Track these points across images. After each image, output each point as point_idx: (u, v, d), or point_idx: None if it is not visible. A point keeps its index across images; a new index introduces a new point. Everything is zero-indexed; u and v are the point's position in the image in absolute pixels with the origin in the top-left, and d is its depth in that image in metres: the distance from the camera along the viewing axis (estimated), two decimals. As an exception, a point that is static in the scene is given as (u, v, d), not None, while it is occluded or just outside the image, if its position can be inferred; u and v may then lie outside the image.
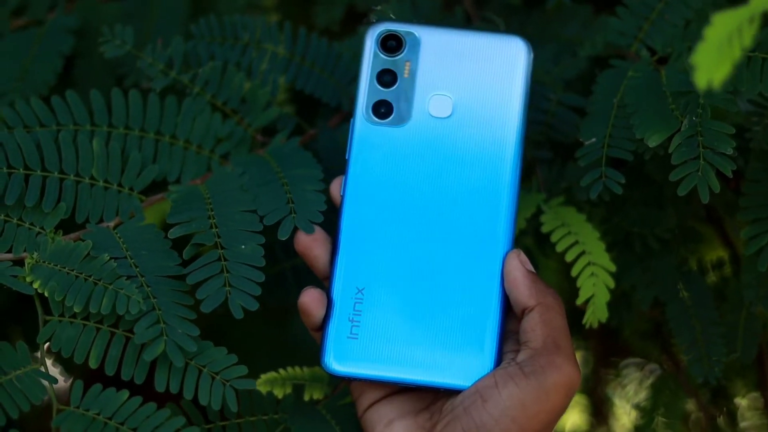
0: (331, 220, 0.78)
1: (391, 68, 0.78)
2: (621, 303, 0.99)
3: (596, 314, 0.85)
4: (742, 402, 1.09)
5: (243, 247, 0.75)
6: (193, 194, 0.81)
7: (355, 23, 1.00)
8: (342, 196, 0.76)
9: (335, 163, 0.88)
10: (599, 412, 1.16)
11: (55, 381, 0.73)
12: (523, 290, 0.74)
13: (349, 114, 0.93)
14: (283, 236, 0.76)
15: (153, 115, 0.85)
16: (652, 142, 0.81)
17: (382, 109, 0.78)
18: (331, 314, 0.74)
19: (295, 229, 0.77)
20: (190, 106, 0.87)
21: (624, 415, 1.16)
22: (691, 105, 0.81)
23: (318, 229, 0.77)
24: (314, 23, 1.01)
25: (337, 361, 0.73)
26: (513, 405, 0.70)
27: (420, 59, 0.78)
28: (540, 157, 0.91)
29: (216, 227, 0.76)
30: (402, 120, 0.77)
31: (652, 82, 0.86)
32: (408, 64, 0.78)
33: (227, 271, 0.74)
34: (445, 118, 0.77)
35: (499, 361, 0.74)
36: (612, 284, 0.86)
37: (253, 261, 0.74)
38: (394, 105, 0.78)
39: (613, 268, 0.86)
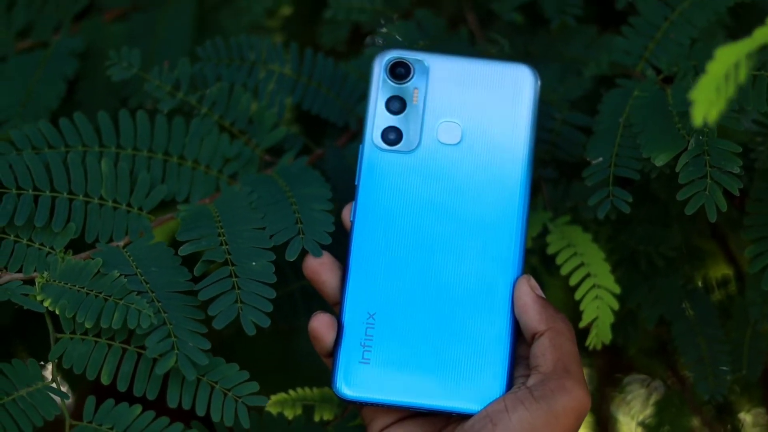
0: (342, 244, 0.78)
1: (400, 95, 0.79)
2: (627, 321, 0.99)
3: (600, 336, 0.86)
4: (746, 418, 1.09)
5: (254, 263, 0.75)
6: (202, 213, 0.81)
7: (360, 43, 1.01)
8: (352, 222, 0.76)
9: (343, 183, 0.88)
10: (604, 429, 1.16)
11: (68, 397, 0.73)
12: (533, 315, 0.74)
13: (356, 133, 0.94)
14: (291, 257, 0.77)
15: (161, 136, 0.86)
16: (659, 161, 0.81)
17: (391, 136, 0.78)
18: (342, 339, 0.74)
19: (304, 251, 0.77)
20: (198, 127, 0.87)
21: (627, 429, 1.16)
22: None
23: (326, 254, 0.77)
24: (319, 43, 1.02)
25: (349, 386, 0.73)
26: (523, 429, 0.70)
27: (429, 86, 0.79)
28: (546, 176, 0.92)
29: (226, 244, 0.77)
30: (411, 146, 0.78)
31: (658, 102, 0.86)
32: (416, 91, 0.79)
33: (238, 288, 0.74)
34: (454, 144, 0.78)
35: (509, 385, 0.74)
36: (616, 306, 0.86)
37: (264, 278, 0.75)
38: (403, 131, 0.78)
39: (617, 290, 0.87)
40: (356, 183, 0.77)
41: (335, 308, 0.77)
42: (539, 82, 0.80)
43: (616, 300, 0.86)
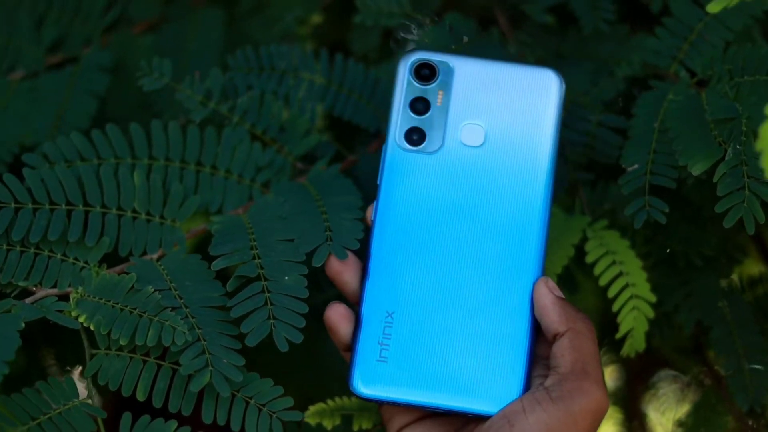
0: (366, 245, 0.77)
1: (424, 96, 0.78)
2: (663, 323, 0.98)
3: (634, 345, 0.85)
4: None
5: (286, 278, 0.74)
6: (235, 224, 0.80)
7: (391, 48, 0.99)
8: (373, 221, 0.76)
9: (376, 189, 0.87)
10: (634, 426, 1.14)
11: (104, 415, 0.72)
12: (553, 316, 0.73)
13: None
14: (317, 263, 0.76)
15: (193, 146, 0.84)
16: (696, 170, 0.79)
17: (414, 136, 0.77)
18: (359, 337, 0.73)
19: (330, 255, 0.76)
20: (230, 136, 0.86)
21: (659, 427, 1.14)
22: (734, 132, 0.79)
23: (351, 255, 0.76)
24: (351, 50, 1.00)
25: (366, 385, 0.72)
26: (540, 430, 0.69)
27: (453, 88, 0.78)
28: (582, 178, 0.90)
29: (258, 258, 0.75)
30: (434, 147, 0.77)
31: (693, 107, 0.84)
32: (441, 92, 0.78)
33: (271, 304, 0.73)
34: (477, 146, 0.77)
35: (527, 387, 0.73)
36: (652, 314, 0.85)
37: (296, 292, 0.73)
38: (426, 132, 0.77)
39: (653, 299, 0.85)
40: (378, 183, 0.76)
41: (356, 307, 0.76)
42: (564, 87, 0.79)
43: (651, 308, 0.85)
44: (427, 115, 0.77)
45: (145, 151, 0.83)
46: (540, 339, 0.75)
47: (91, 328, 0.72)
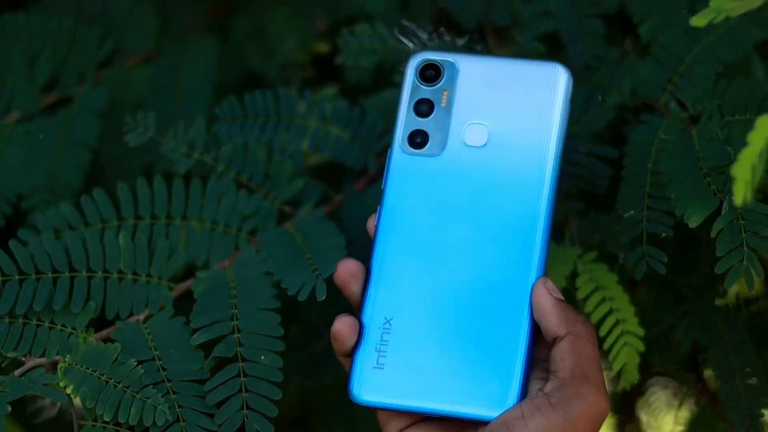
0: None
1: (429, 98, 0.77)
2: (661, 341, 0.98)
3: (629, 379, 0.86)
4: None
5: (263, 357, 0.75)
6: (218, 284, 0.81)
7: (385, 77, 0.98)
8: (376, 226, 0.75)
9: (362, 228, 0.87)
10: (628, 429, 1.15)
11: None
12: (553, 319, 0.72)
13: (375, 176, 0.92)
14: (320, 297, 0.76)
15: (178, 200, 0.85)
16: (693, 223, 0.78)
17: (417, 139, 0.76)
18: (359, 344, 0.73)
19: (324, 286, 0.77)
20: (215, 187, 0.86)
21: (652, 430, 1.15)
22: (729, 182, 0.78)
23: (357, 265, 0.75)
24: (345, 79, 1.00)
25: (364, 391, 0.72)
26: None
27: (457, 88, 0.77)
28: (573, 208, 0.90)
29: (238, 331, 0.77)
30: (437, 149, 0.76)
31: (685, 147, 0.83)
32: (446, 93, 0.77)
33: (246, 390, 0.74)
34: (480, 147, 0.76)
35: (525, 390, 0.72)
36: (642, 348, 0.85)
37: (271, 376, 0.75)
38: (429, 134, 0.76)
39: (642, 332, 0.85)
40: (382, 187, 0.76)
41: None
42: (572, 81, 0.77)
43: (641, 342, 0.85)
44: (431, 116, 0.76)
45: (131, 211, 0.84)
46: (539, 342, 0.74)
47: (78, 400, 0.75)
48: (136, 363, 0.75)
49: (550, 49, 0.95)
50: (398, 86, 0.79)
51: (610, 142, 0.90)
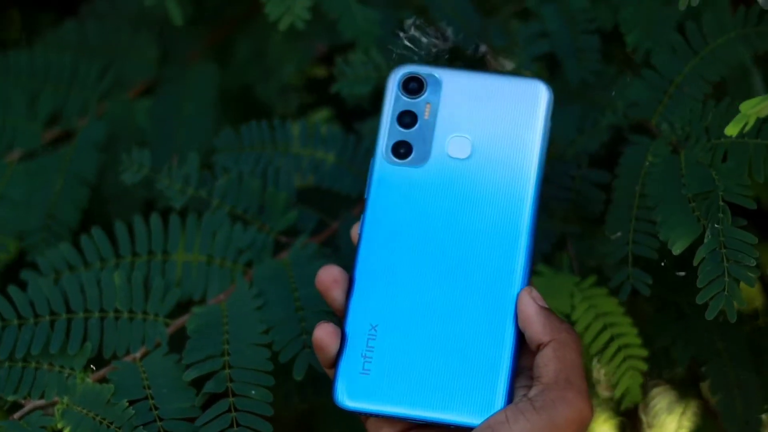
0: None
1: (412, 110, 0.78)
2: (660, 356, 0.98)
3: (632, 400, 0.86)
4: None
5: (253, 392, 0.76)
6: (212, 319, 0.82)
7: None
8: (360, 234, 0.76)
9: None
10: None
11: None
12: (537, 327, 0.73)
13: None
14: (298, 376, 0.77)
15: (174, 236, 0.86)
16: (677, 250, 0.78)
17: (401, 150, 0.77)
18: (344, 350, 0.73)
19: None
20: (210, 221, 0.87)
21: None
22: (712, 209, 0.78)
23: (339, 271, 0.76)
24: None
25: (349, 397, 0.73)
26: None
27: (441, 101, 0.78)
28: (569, 231, 0.90)
29: (229, 367, 0.78)
30: (421, 161, 0.77)
31: (672, 171, 0.83)
32: (429, 105, 0.78)
33: (237, 424, 0.75)
34: (463, 159, 0.77)
35: (511, 397, 0.73)
36: (645, 368, 0.86)
37: (261, 410, 0.76)
38: (413, 146, 0.77)
39: (646, 353, 0.86)
40: (365, 197, 0.77)
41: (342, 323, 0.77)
42: (552, 98, 0.78)
43: (644, 362, 0.86)
44: (415, 128, 0.77)
45: (129, 249, 0.86)
46: (524, 349, 0.75)
47: (75, 441, 0.77)
48: (127, 404, 0.77)
49: (546, 69, 0.95)
50: (379, 110, 0.79)
51: (606, 160, 0.90)
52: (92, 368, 0.82)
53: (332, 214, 0.92)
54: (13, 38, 1.11)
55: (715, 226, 0.77)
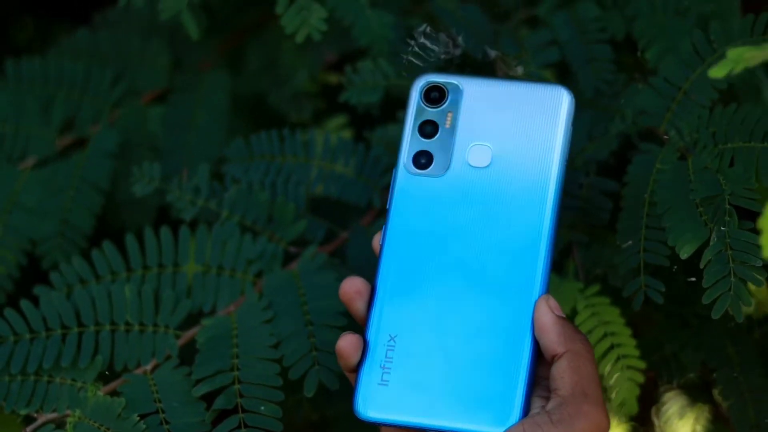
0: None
1: (433, 119, 0.77)
2: (671, 361, 0.98)
3: (628, 411, 0.86)
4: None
5: (262, 408, 0.76)
6: (221, 333, 0.82)
7: (393, 107, 0.98)
8: (381, 245, 0.76)
9: (367, 266, 0.88)
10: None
11: None
12: (552, 336, 0.72)
13: (381, 211, 0.93)
14: (308, 393, 0.78)
15: (184, 248, 0.87)
16: (684, 254, 0.78)
17: (422, 160, 0.77)
18: (364, 360, 0.74)
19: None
20: (220, 232, 0.88)
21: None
22: (718, 212, 0.78)
23: (362, 282, 0.76)
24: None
25: (368, 408, 0.73)
26: None
27: (461, 109, 0.77)
28: (577, 239, 0.90)
29: (239, 382, 0.78)
30: (441, 170, 0.76)
31: (680, 178, 0.82)
32: (450, 114, 0.77)
33: (246, 439, 0.76)
34: (483, 167, 0.76)
35: (527, 408, 0.73)
36: (642, 380, 0.85)
37: (271, 426, 0.76)
38: (434, 155, 0.77)
39: (643, 365, 0.86)
40: (387, 207, 0.76)
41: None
42: (574, 103, 0.77)
43: (641, 374, 0.86)
44: (436, 137, 0.77)
45: (139, 262, 0.86)
46: (542, 359, 0.74)
47: (87, 454, 0.77)
48: (138, 418, 0.77)
49: (558, 76, 0.95)
50: (401, 121, 0.79)
51: (616, 168, 0.89)
52: (102, 383, 0.82)
53: (342, 224, 0.92)
54: (26, 44, 1.11)
55: (722, 228, 0.77)
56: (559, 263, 0.91)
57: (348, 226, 0.92)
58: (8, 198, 0.96)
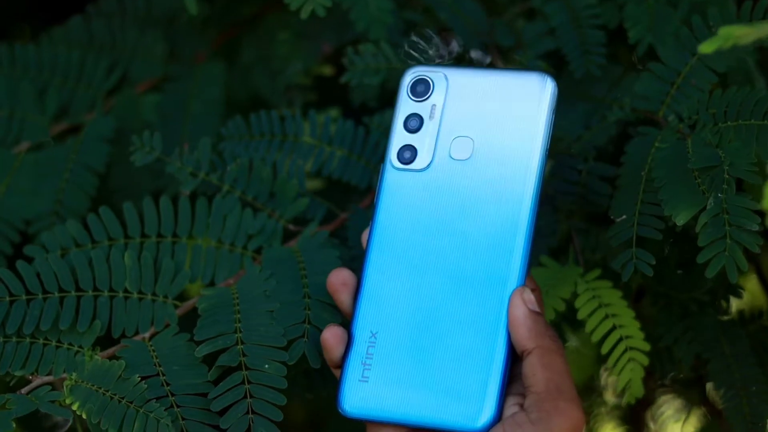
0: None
1: (419, 113, 0.77)
2: (664, 356, 0.97)
3: (634, 394, 0.85)
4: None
5: (266, 366, 0.74)
6: (222, 300, 0.80)
7: (389, 97, 0.98)
8: (368, 241, 0.75)
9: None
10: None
11: None
12: (522, 332, 0.71)
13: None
14: (292, 360, 0.76)
15: (184, 220, 0.85)
16: (680, 220, 0.78)
17: (406, 154, 0.76)
18: (347, 357, 0.73)
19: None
20: (220, 206, 0.86)
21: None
22: (716, 180, 0.78)
23: (348, 274, 0.75)
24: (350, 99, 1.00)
25: (350, 404, 0.72)
26: None
27: (446, 102, 0.76)
28: (576, 226, 0.89)
29: (242, 342, 0.76)
30: (424, 164, 0.75)
31: (679, 154, 0.82)
32: (434, 107, 0.76)
33: (250, 396, 0.73)
34: (464, 160, 0.75)
35: (503, 403, 0.72)
36: (647, 362, 0.84)
37: (275, 383, 0.74)
38: (418, 149, 0.76)
39: (648, 347, 0.84)
40: (374, 202, 0.76)
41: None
42: (556, 90, 0.76)
43: (646, 356, 0.84)
44: (420, 131, 0.76)
45: (138, 230, 0.84)
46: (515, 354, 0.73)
47: (83, 416, 0.75)
48: (139, 378, 0.75)
49: (553, 67, 0.95)
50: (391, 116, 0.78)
51: (613, 156, 0.90)
52: (99, 348, 0.80)
53: (341, 205, 0.91)
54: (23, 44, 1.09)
55: (719, 195, 0.77)
56: (559, 250, 0.91)
57: (347, 207, 0.91)
58: (2, 180, 0.94)
